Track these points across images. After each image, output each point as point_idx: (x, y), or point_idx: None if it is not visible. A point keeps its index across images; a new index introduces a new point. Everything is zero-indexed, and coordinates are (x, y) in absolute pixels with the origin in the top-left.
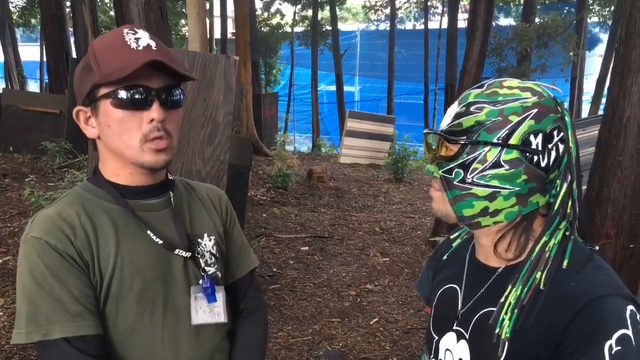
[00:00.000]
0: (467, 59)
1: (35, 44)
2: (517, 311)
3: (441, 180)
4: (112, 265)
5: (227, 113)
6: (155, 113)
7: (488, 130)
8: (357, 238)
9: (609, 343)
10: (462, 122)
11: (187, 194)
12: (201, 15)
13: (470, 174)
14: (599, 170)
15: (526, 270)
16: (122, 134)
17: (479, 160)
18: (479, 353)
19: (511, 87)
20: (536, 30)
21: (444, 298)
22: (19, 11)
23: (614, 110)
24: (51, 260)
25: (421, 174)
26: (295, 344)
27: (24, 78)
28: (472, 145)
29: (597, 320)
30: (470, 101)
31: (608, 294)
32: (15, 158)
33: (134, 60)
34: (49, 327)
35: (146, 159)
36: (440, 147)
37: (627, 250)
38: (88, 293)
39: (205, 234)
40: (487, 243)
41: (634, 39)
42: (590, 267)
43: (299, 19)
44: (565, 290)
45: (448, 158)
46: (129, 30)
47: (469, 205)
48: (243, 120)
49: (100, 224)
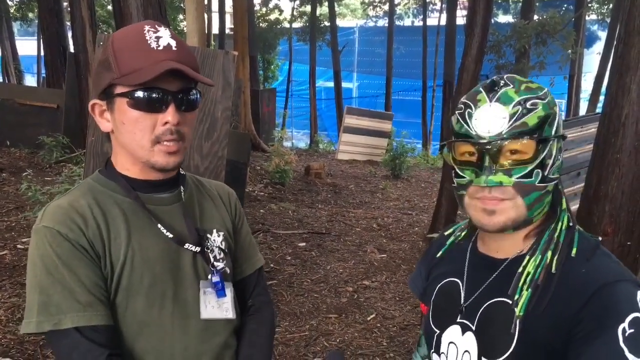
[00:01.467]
0: (466, 55)
1: (33, 38)
2: (531, 290)
3: (516, 187)
4: (123, 257)
5: (226, 108)
6: (170, 116)
7: (549, 124)
8: (354, 234)
9: (622, 326)
10: (525, 121)
11: (197, 190)
12: (199, 10)
13: (546, 170)
14: (597, 168)
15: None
16: (135, 133)
17: (549, 156)
18: (488, 343)
19: (527, 81)
20: (535, 28)
21: (444, 292)
22: (16, 5)
23: (613, 107)
24: (63, 249)
25: (419, 170)
26: (292, 339)
27: (21, 72)
28: (543, 142)
29: (609, 304)
30: (519, 98)
31: (619, 280)
32: (12, 152)
33: (153, 62)
34: (60, 317)
35: (157, 160)
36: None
37: (624, 247)
38: (99, 283)
39: (215, 230)
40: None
41: (633, 36)
42: (599, 254)
43: (297, 15)
44: (576, 277)
45: (524, 161)
46: (150, 28)
47: (541, 205)
48: (241, 116)
49: (111, 215)
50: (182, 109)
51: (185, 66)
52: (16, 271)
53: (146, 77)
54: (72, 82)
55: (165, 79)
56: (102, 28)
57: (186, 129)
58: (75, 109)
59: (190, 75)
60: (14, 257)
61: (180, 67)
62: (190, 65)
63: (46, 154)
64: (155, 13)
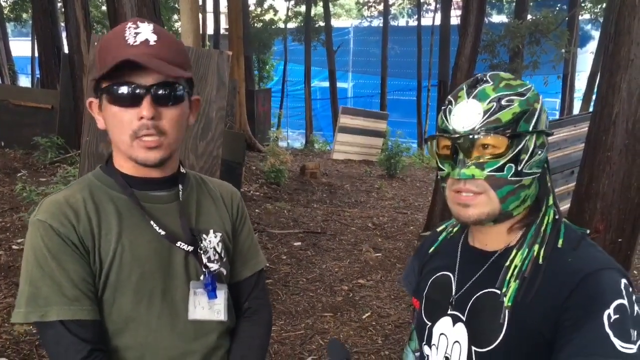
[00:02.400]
0: (460, 55)
1: (27, 38)
2: (519, 282)
3: (488, 180)
4: (112, 254)
5: (220, 108)
6: (145, 110)
7: (525, 120)
8: (349, 233)
9: (607, 312)
10: (499, 117)
11: (198, 189)
12: (194, 10)
13: (520, 165)
14: (588, 166)
15: (530, 237)
16: (116, 128)
17: (524, 150)
18: (477, 333)
19: (509, 78)
20: (528, 27)
21: (436, 286)
22: (10, 6)
23: (603, 106)
24: (53, 243)
25: (414, 170)
26: (288, 338)
27: (15, 73)
28: (517, 137)
29: (595, 292)
30: (495, 95)
31: (603, 268)
32: (6, 153)
33: (124, 56)
34: (47, 309)
35: (137, 155)
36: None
37: (615, 244)
38: (87, 279)
39: (212, 230)
40: (500, 229)
41: (622, 36)
42: (584, 244)
43: (292, 15)
44: (562, 267)
45: (496, 155)
46: (132, 24)
47: (517, 198)
48: (236, 116)
49: (105, 211)
50: (160, 102)
51: (152, 59)
52: (11, 272)
53: (106, 68)
54: (66, 82)
55: (139, 73)
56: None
57: (168, 124)
58: (69, 110)
59: (151, 66)
60: (9, 257)
61: (139, 60)
62: (167, 59)
63: (41, 155)
64: (149, 13)
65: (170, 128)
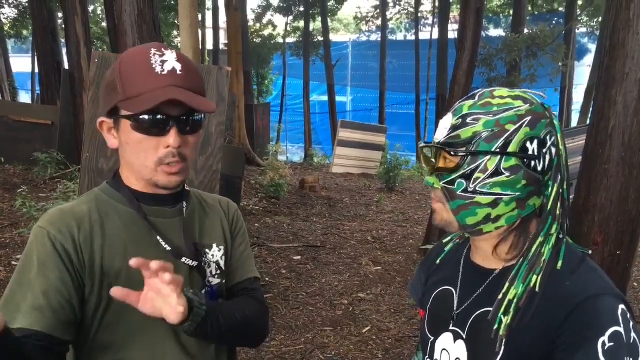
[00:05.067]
0: (457, 69)
1: (27, 55)
2: (514, 311)
3: (443, 191)
4: (118, 266)
5: (219, 123)
6: (172, 139)
7: (486, 140)
8: (349, 247)
9: (602, 339)
10: (459, 133)
11: (199, 205)
12: (193, 26)
13: (473, 183)
14: (585, 178)
15: (524, 269)
16: (139, 154)
17: (480, 170)
18: (476, 352)
19: (502, 97)
20: (525, 41)
21: (439, 300)
22: (10, 22)
23: (599, 119)
24: (44, 250)
25: (413, 183)
26: (287, 352)
27: (15, 89)
28: (472, 155)
29: (591, 317)
30: (465, 112)
31: (601, 293)
32: (6, 169)
33: (156, 87)
34: (14, 315)
35: (159, 179)
36: (439, 158)
37: (614, 256)
38: (62, 291)
39: (214, 244)
40: (486, 247)
41: (617, 49)
42: (584, 268)
43: (290, 30)
44: (560, 290)
45: (449, 169)
46: (156, 51)
47: (472, 214)
48: (235, 130)
49: (110, 223)
50: (184, 132)
51: (187, 93)
52: None
53: (147, 106)
54: (66, 98)
55: (168, 104)
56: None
57: (188, 150)
58: (69, 126)
59: (189, 105)
60: (8, 273)
61: (180, 98)
62: (194, 88)
63: (40, 170)
64: (149, 30)
65: (190, 153)
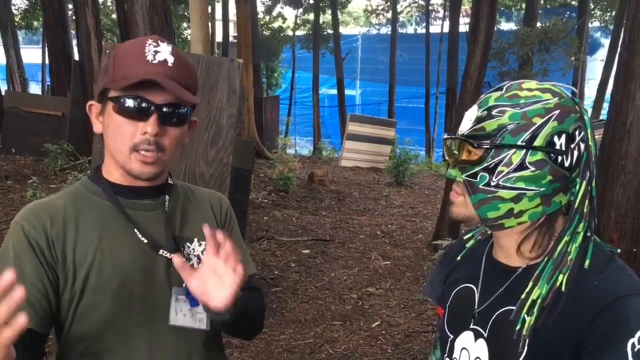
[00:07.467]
0: (470, 62)
1: (37, 46)
2: (538, 311)
3: (464, 184)
4: (91, 258)
5: (231, 115)
6: (150, 127)
7: (512, 133)
8: (358, 241)
9: (631, 341)
10: (484, 125)
11: (185, 199)
12: (204, 18)
13: (496, 177)
14: (602, 175)
15: (549, 269)
16: (117, 138)
17: (505, 163)
18: (498, 351)
19: (531, 89)
20: (538, 35)
21: (459, 297)
22: (21, 13)
23: (617, 114)
24: (20, 244)
25: (422, 177)
26: (297, 346)
27: (26, 80)
28: (497, 148)
29: (620, 319)
30: (492, 104)
31: (631, 294)
32: (17, 160)
33: (142, 72)
34: None
35: (132, 167)
36: (462, 151)
37: (630, 254)
38: (37, 285)
39: (196, 239)
40: (509, 243)
41: (637, 43)
42: (613, 267)
43: (300, 23)
44: (588, 290)
45: (472, 162)
46: (152, 42)
47: (494, 208)
48: (245, 124)
49: (85, 217)
50: (166, 121)
51: (172, 82)
52: None
53: (124, 84)
54: (77, 90)
55: (153, 91)
56: (107, 36)
57: (167, 142)
58: (80, 117)
59: (170, 91)
60: None
61: (162, 83)
62: (182, 82)
63: (51, 162)
64: (161, 22)
65: (169, 146)
